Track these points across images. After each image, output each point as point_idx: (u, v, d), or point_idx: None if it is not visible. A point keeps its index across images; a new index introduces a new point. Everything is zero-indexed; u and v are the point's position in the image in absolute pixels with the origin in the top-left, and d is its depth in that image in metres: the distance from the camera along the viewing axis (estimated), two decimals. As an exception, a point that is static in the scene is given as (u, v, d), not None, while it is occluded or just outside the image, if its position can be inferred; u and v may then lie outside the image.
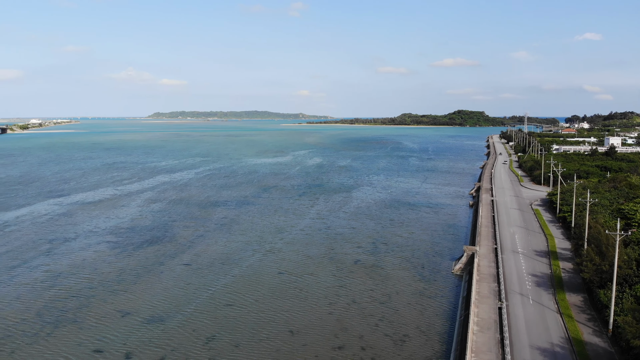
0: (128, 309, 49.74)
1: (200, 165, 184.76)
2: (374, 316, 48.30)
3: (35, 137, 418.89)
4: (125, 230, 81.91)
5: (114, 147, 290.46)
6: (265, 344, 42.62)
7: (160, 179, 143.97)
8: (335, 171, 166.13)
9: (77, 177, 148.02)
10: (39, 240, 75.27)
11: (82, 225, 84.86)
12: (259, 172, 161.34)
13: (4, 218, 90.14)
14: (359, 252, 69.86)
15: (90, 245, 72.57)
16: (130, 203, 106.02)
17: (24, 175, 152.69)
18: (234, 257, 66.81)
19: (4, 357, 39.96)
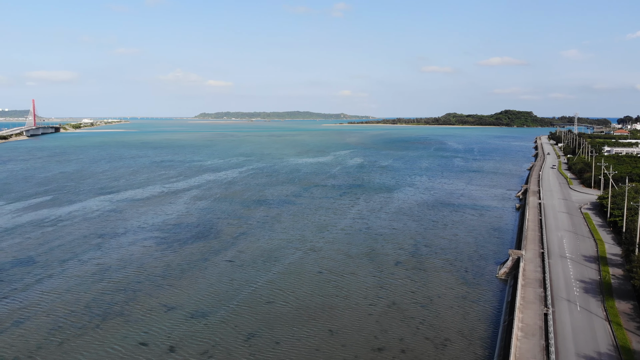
0: (173, 303, 51.18)
1: (243, 164, 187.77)
2: (414, 319, 47.81)
3: (86, 135, 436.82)
4: (171, 226, 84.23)
5: (161, 146, 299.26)
6: (304, 343, 42.94)
7: (205, 178, 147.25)
8: (377, 171, 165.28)
9: (126, 175, 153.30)
10: (90, 234, 78.40)
11: (131, 221, 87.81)
12: (300, 172, 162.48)
13: (58, 213, 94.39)
14: (400, 253, 69.27)
15: (138, 241, 75.03)
16: (177, 200, 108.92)
17: (77, 173, 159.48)
18: (275, 255, 67.60)
19: (54, 347, 41.87)
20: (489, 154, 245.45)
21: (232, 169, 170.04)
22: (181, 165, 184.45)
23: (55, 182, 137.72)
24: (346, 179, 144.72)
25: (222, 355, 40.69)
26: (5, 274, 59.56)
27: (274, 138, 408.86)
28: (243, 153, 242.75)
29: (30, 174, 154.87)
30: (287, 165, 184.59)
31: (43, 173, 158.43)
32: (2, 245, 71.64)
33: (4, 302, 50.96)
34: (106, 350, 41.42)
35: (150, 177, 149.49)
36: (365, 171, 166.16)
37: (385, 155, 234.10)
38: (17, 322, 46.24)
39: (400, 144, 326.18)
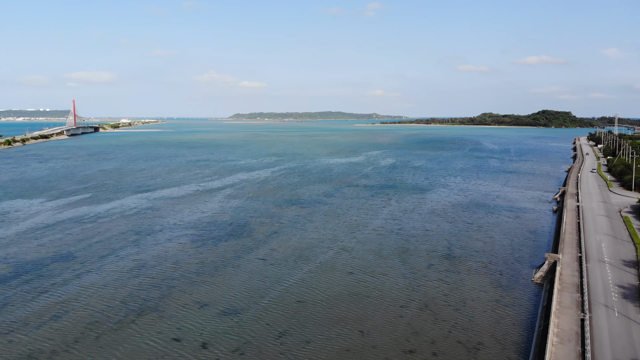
0: (206, 299, 52.03)
1: (276, 164, 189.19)
2: (447, 322, 47.22)
3: (124, 135, 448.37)
4: (206, 224, 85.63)
5: (197, 145, 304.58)
6: (335, 343, 42.98)
7: (239, 177, 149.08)
8: (409, 172, 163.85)
9: (163, 174, 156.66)
10: (127, 231, 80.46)
11: (167, 219, 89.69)
12: (331, 172, 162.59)
13: (97, 210, 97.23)
14: (433, 255, 68.51)
15: (174, 238, 76.59)
16: (211, 199, 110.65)
17: (116, 171, 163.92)
18: (306, 254, 67.88)
19: (91, 341, 43.12)
20: (526, 155, 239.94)
21: (265, 169, 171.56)
22: (216, 164, 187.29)
23: (95, 180, 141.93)
24: (378, 180, 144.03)
25: (253, 353, 41.14)
26: (45, 269, 61.74)
27: (305, 138, 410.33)
28: (275, 153, 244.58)
29: (71, 172, 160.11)
30: (318, 165, 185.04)
31: (83, 171, 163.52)
32: (44, 241, 74.27)
33: (44, 296, 52.81)
34: (141, 345, 42.44)
35: (186, 176, 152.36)
36: (398, 172, 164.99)
37: (418, 155, 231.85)
38: (55, 316, 47.86)
39: (434, 144, 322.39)
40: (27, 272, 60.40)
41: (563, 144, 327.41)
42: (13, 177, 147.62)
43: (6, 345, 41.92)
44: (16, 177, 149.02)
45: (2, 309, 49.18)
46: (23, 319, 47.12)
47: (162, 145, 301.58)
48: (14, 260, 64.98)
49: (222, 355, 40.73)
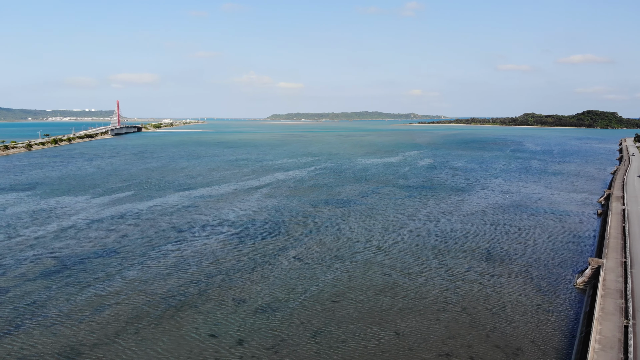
0: (243, 296, 52.71)
1: (312, 164, 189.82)
2: (484, 326, 46.26)
3: (166, 135, 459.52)
4: (244, 222, 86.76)
5: (236, 145, 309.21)
6: (370, 344, 42.77)
7: (276, 176, 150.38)
8: (448, 173, 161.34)
9: (203, 173, 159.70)
10: (168, 228, 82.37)
11: (207, 216, 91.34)
12: (368, 172, 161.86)
13: (140, 207, 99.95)
14: (472, 257, 67.26)
15: (213, 235, 77.93)
16: (249, 197, 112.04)
17: (158, 169, 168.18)
18: (342, 254, 67.81)
19: (131, 335, 44.34)
20: (570, 156, 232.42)
21: (301, 168, 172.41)
22: (253, 164, 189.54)
23: (138, 178, 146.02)
24: (416, 180, 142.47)
25: (288, 351, 41.41)
26: (89, 263, 63.89)
27: (342, 138, 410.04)
28: (312, 153, 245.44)
29: (115, 170, 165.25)
30: (354, 165, 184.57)
31: (127, 169, 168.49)
32: (88, 236, 76.89)
33: (87, 290, 54.65)
34: (179, 340, 43.37)
35: (225, 174, 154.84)
36: (436, 172, 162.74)
37: (457, 156, 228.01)
38: (98, 310, 49.45)
39: (473, 144, 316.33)
40: (72, 266, 62.68)
41: (608, 145, 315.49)
42: (60, 175, 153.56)
43: (50, 337, 43.59)
44: (63, 174, 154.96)
45: (47, 302, 51.16)
46: (67, 311, 48.89)
47: (202, 145, 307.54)
48: (59, 254, 67.56)
49: (258, 352, 41.17)
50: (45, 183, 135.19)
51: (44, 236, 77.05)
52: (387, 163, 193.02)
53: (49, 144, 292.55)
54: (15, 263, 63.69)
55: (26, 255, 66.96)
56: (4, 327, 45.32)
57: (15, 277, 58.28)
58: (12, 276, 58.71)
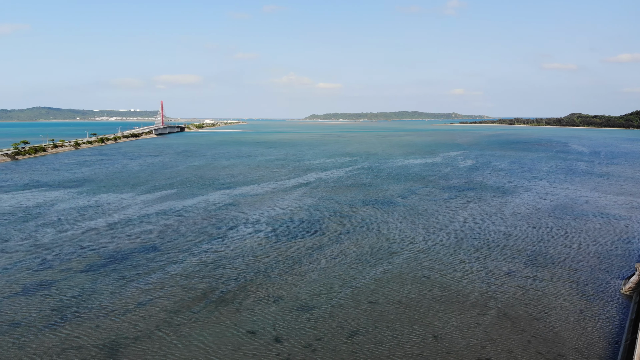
0: (280, 294, 53.09)
1: (350, 164, 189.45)
2: (526, 331, 44.96)
3: (208, 135, 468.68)
4: (282, 220, 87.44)
5: (274, 145, 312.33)
6: (407, 346, 42.28)
7: (313, 176, 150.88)
8: (491, 174, 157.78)
9: (243, 172, 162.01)
10: (210, 225, 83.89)
11: (247, 214, 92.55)
12: (407, 172, 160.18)
13: (182, 204, 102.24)
14: (514, 261, 65.52)
15: (252, 233, 78.90)
16: (288, 196, 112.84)
17: (200, 168, 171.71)
18: (380, 254, 67.32)
19: (172, 329, 45.34)
20: (618, 158, 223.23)
21: (339, 168, 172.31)
22: (292, 163, 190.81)
23: (181, 176, 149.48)
24: (457, 181, 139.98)
25: (325, 350, 41.41)
26: (133, 259, 65.77)
27: (380, 138, 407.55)
28: (350, 153, 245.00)
29: (159, 169, 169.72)
30: (393, 165, 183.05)
31: (170, 168, 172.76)
32: (133, 232, 79.18)
33: (131, 285, 56.24)
34: (218, 335, 44.08)
35: (264, 173, 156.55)
36: (478, 173, 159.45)
37: (500, 157, 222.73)
38: (140, 304, 50.81)
39: (517, 145, 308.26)
40: (116, 261, 64.71)
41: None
42: (106, 173, 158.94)
43: (94, 329, 45.08)
44: (109, 172, 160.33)
45: (92, 296, 52.95)
46: (111, 305, 50.47)
47: (242, 144, 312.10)
48: (105, 249, 69.86)
49: (295, 350, 41.36)
50: (92, 180, 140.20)
51: (91, 231, 79.86)
52: (427, 163, 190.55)
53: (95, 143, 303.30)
54: (62, 257, 66.29)
55: (73, 250, 69.58)
56: (51, 318, 47.19)
57: (62, 271, 60.64)
58: (60, 270, 61.11)
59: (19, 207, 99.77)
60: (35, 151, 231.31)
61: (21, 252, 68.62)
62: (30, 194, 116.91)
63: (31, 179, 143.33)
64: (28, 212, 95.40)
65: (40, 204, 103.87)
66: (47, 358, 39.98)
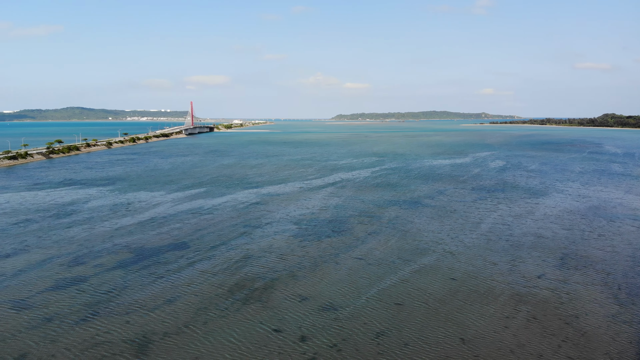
0: (306, 293, 53.22)
1: (377, 164, 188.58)
2: (556, 336, 43.95)
3: (236, 135, 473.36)
4: (308, 220, 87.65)
5: (301, 145, 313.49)
6: (434, 348, 41.83)
7: (340, 176, 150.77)
8: (521, 175, 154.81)
9: (270, 172, 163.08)
10: (238, 224, 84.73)
11: (274, 213, 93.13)
12: (435, 173, 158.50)
13: (211, 203, 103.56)
14: (545, 264, 64.13)
15: (279, 232, 79.33)
16: (314, 196, 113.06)
17: (228, 167, 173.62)
18: (407, 255, 66.80)
19: (199, 326, 45.92)
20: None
21: (366, 168, 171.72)
22: (318, 163, 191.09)
23: (210, 175, 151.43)
24: (486, 182, 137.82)
25: (350, 350, 41.33)
26: (163, 256, 66.91)
27: (408, 138, 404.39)
28: (377, 153, 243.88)
29: (189, 168, 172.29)
30: (421, 166, 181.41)
31: (199, 167, 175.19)
32: (163, 230, 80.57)
33: (160, 282, 57.22)
34: (245, 333, 44.45)
35: (291, 173, 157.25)
36: (509, 174, 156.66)
37: (531, 157, 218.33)
38: (169, 300, 51.65)
39: (549, 146, 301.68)
40: (146, 258, 65.94)
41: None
42: (138, 171, 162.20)
43: (124, 325, 46.02)
44: (140, 171, 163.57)
45: (122, 292, 54.07)
46: (140, 301, 51.45)
47: (270, 144, 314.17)
48: (135, 246, 71.27)
49: (320, 350, 41.39)
50: (124, 179, 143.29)
51: (122, 228, 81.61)
52: (455, 164, 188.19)
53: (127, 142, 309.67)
54: (94, 253, 67.93)
55: (105, 246, 71.22)
56: (82, 313, 48.37)
57: (94, 267, 62.13)
58: (91, 266, 62.62)
59: (54, 204, 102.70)
60: (69, 150, 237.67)
61: (55, 247, 70.64)
62: (64, 191, 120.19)
63: (65, 177, 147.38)
64: (62, 209, 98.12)
65: (74, 201, 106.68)
66: (77, 352, 41.01)
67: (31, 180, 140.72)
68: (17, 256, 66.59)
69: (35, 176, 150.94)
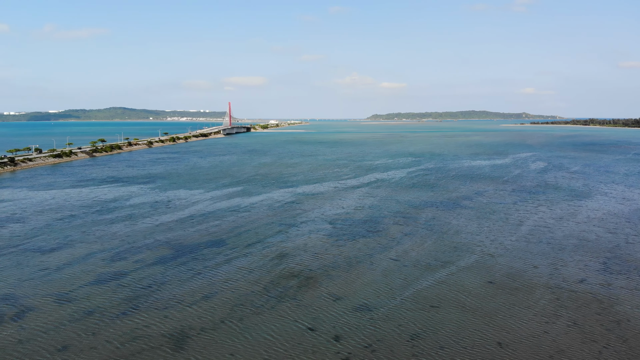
0: (340, 293, 53.23)
1: (412, 164, 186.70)
2: (597, 342, 42.48)
3: (272, 135, 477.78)
4: (343, 219, 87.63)
5: (335, 145, 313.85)
6: (470, 352, 41.11)
7: (374, 176, 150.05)
8: (564, 177, 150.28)
9: (305, 171, 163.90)
10: (274, 222, 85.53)
11: (308, 213, 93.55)
12: (473, 174, 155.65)
13: (248, 201, 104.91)
14: (587, 268, 62.08)
15: (313, 231, 79.64)
16: (349, 196, 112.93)
17: (265, 167, 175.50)
18: (443, 257, 65.89)
19: (235, 322, 46.57)
20: None
21: (401, 169, 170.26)
22: (353, 163, 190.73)
23: (247, 174, 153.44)
24: (526, 183, 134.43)
25: (385, 351, 41.09)
26: (200, 252, 68.21)
27: (446, 139, 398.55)
28: (413, 153, 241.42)
29: (227, 167, 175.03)
30: (459, 166, 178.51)
31: (237, 166, 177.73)
32: (202, 227, 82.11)
33: (198, 277, 58.35)
34: (279, 330, 44.83)
35: (325, 173, 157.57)
36: (550, 175, 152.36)
37: (574, 158, 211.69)
38: (206, 296, 52.60)
39: (592, 147, 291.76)
40: (185, 254, 67.37)
41: None
42: (177, 170, 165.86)
43: (162, 319, 47.13)
44: (180, 169, 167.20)
45: (162, 286, 55.40)
46: (178, 296, 52.60)
47: (305, 144, 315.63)
48: (175, 243, 72.91)
49: (354, 350, 41.32)
50: (164, 177, 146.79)
51: (163, 225, 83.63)
52: (495, 165, 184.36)
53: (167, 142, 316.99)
54: (135, 249, 69.86)
55: (146, 242, 73.15)
56: (122, 307, 49.80)
57: (134, 262, 63.90)
58: (132, 261, 64.42)
59: (97, 201, 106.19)
60: (111, 149, 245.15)
61: (98, 243, 73.03)
62: (107, 188, 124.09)
63: (107, 175, 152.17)
64: (105, 205, 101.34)
65: (116, 198, 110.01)
66: (117, 345, 42.27)
67: (75, 178, 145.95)
68: (62, 250, 69.21)
69: (80, 174, 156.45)
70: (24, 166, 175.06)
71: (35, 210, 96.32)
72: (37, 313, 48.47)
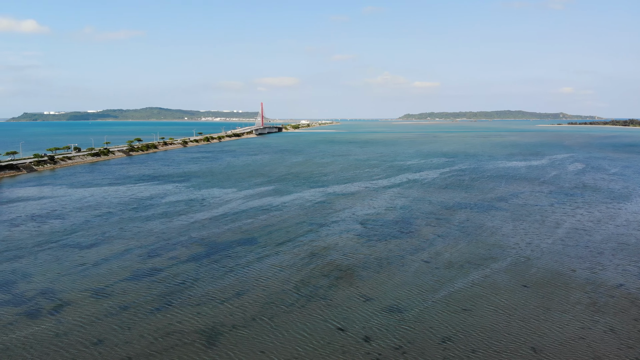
0: (370, 294, 53.07)
1: (445, 165, 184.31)
2: (634, 349, 41.06)
3: (303, 135, 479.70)
4: (373, 220, 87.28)
5: (367, 144, 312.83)
6: (503, 356, 40.37)
7: (406, 176, 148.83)
8: (602, 178, 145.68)
9: (336, 171, 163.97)
10: (305, 221, 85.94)
11: (339, 212, 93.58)
12: (508, 175, 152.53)
13: (280, 200, 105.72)
14: (626, 272, 60.07)
15: (344, 231, 79.63)
16: (380, 196, 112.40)
17: (296, 166, 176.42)
18: (476, 260, 64.86)
19: (266, 320, 47.01)
20: None
21: (434, 169, 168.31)
22: (384, 163, 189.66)
23: (279, 173, 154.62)
24: (563, 185, 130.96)
25: (415, 354, 40.77)
26: (233, 250, 69.13)
27: (480, 139, 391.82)
28: (446, 153, 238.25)
29: (259, 166, 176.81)
30: (493, 167, 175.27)
31: (269, 166, 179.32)
32: (235, 225, 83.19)
33: (230, 275, 59.15)
34: (309, 330, 45.04)
35: (356, 173, 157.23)
36: (588, 177, 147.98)
37: (613, 160, 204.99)
38: (238, 294, 53.28)
39: (632, 148, 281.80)
40: (218, 251, 68.41)
41: None
42: (211, 169, 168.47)
43: (195, 316, 47.99)
44: (214, 168, 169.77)
45: (195, 283, 56.42)
46: (211, 293, 53.45)
47: (336, 144, 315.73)
48: (208, 241, 74.10)
49: (384, 351, 41.15)
50: (199, 176, 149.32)
51: (197, 223, 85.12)
52: (530, 166, 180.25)
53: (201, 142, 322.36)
54: (170, 246, 71.34)
55: (180, 239, 74.59)
56: (156, 303, 50.93)
57: (168, 259, 65.25)
58: (166, 258, 65.79)
59: (134, 199, 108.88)
60: (147, 148, 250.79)
61: (134, 239, 74.89)
62: (143, 186, 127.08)
63: (144, 173, 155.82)
64: (141, 203, 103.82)
65: (152, 196, 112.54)
66: (151, 340, 43.26)
67: (113, 176, 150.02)
68: (99, 246, 71.28)
69: (117, 172, 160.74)
70: (64, 164, 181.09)
71: (75, 207, 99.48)
72: (74, 307, 50.07)
